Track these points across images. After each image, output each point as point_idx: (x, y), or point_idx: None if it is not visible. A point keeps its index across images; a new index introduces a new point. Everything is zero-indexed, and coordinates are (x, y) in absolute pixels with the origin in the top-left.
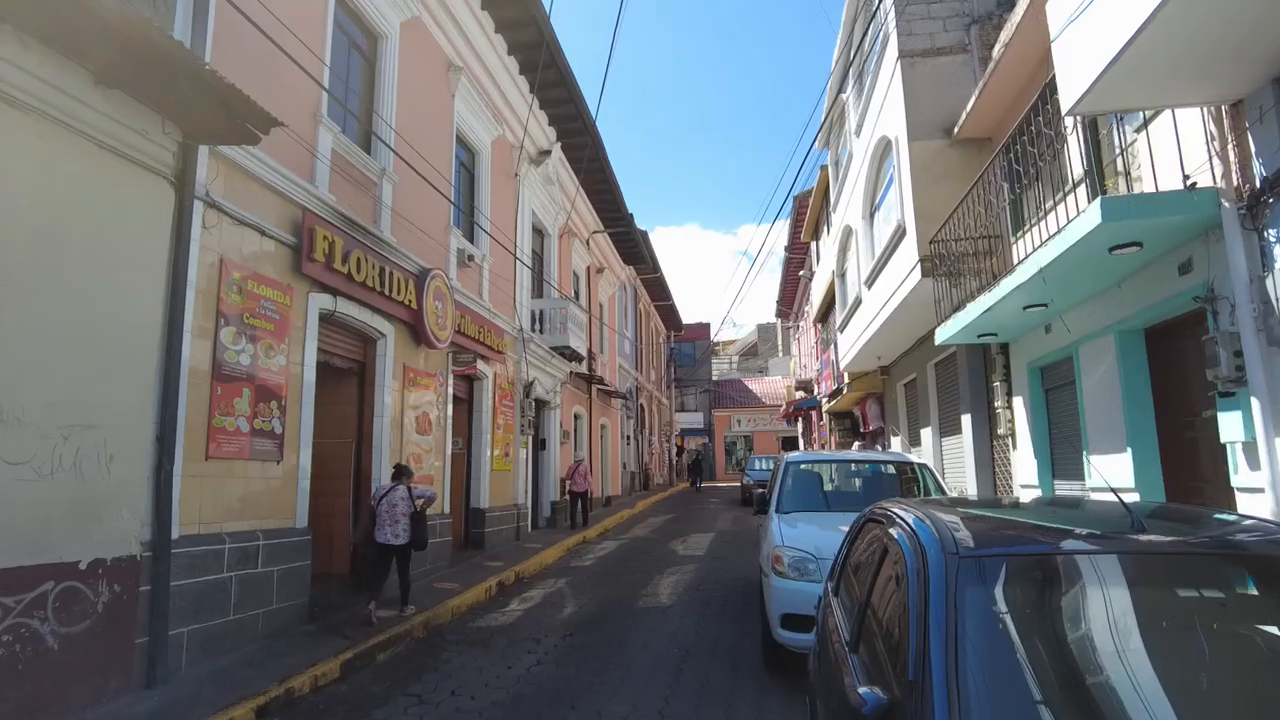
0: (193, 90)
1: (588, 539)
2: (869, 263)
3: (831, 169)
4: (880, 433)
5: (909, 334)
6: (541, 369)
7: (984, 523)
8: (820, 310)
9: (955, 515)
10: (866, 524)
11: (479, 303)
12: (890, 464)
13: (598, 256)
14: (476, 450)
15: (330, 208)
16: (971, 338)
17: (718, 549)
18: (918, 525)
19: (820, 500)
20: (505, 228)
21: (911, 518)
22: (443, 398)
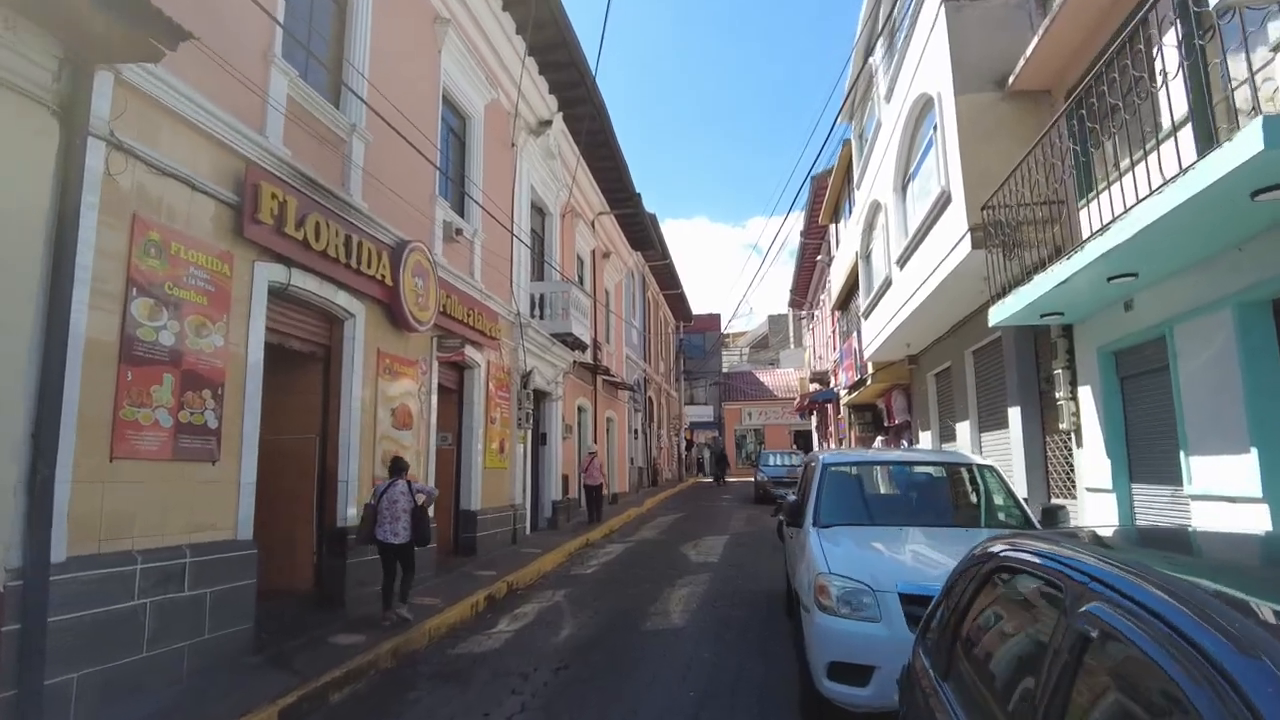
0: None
1: (591, 542)
2: (901, 240)
3: (855, 143)
4: (906, 427)
5: (946, 318)
6: (541, 357)
7: None
8: (840, 297)
9: (1201, 589)
10: (995, 573)
11: (470, 283)
12: (949, 466)
13: (603, 240)
14: (467, 446)
15: (284, 163)
16: (1033, 317)
17: (733, 554)
18: (1192, 629)
19: (866, 511)
20: (501, 202)
21: (1159, 603)
22: (426, 387)
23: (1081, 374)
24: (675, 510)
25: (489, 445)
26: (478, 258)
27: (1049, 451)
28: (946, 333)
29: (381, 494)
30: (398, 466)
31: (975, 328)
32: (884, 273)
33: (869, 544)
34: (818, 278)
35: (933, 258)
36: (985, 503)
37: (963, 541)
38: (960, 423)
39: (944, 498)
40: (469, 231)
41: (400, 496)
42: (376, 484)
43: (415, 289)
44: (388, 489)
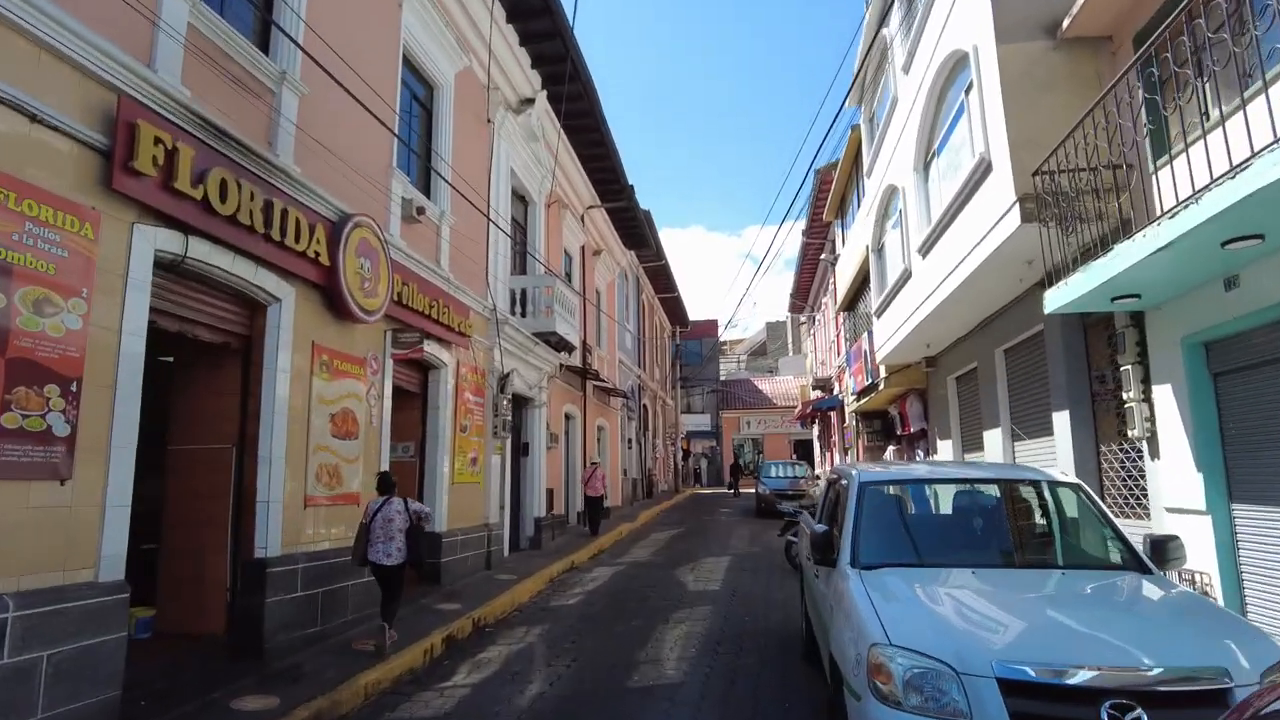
0: None
1: (577, 565)
2: (923, 227)
3: (865, 128)
4: (922, 436)
5: (975, 312)
6: (523, 359)
7: None
8: (846, 297)
9: None
10: None
11: (435, 271)
12: (1022, 485)
13: (594, 236)
14: (432, 458)
15: (180, 105)
16: (1100, 302)
17: (737, 580)
18: None
19: (922, 546)
20: (476, 184)
21: None
22: (377, 390)
23: (1158, 370)
24: (671, 526)
25: (458, 457)
26: (445, 243)
27: (1104, 463)
28: (974, 329)
29: (375, 512)
30: (386, 483)
31: (1010, 322)
32: (901, 265)
33: (938, 596)
34: (820, 279)
35: (965, 240)
36: (1075, 534)
37: (1065, 589)
38: (990, 431)
39: (1021, 527)
40: (434, 213)
41: (396, 515)
42: (369, 504)
43: (360, 272)
44: (382, 507)
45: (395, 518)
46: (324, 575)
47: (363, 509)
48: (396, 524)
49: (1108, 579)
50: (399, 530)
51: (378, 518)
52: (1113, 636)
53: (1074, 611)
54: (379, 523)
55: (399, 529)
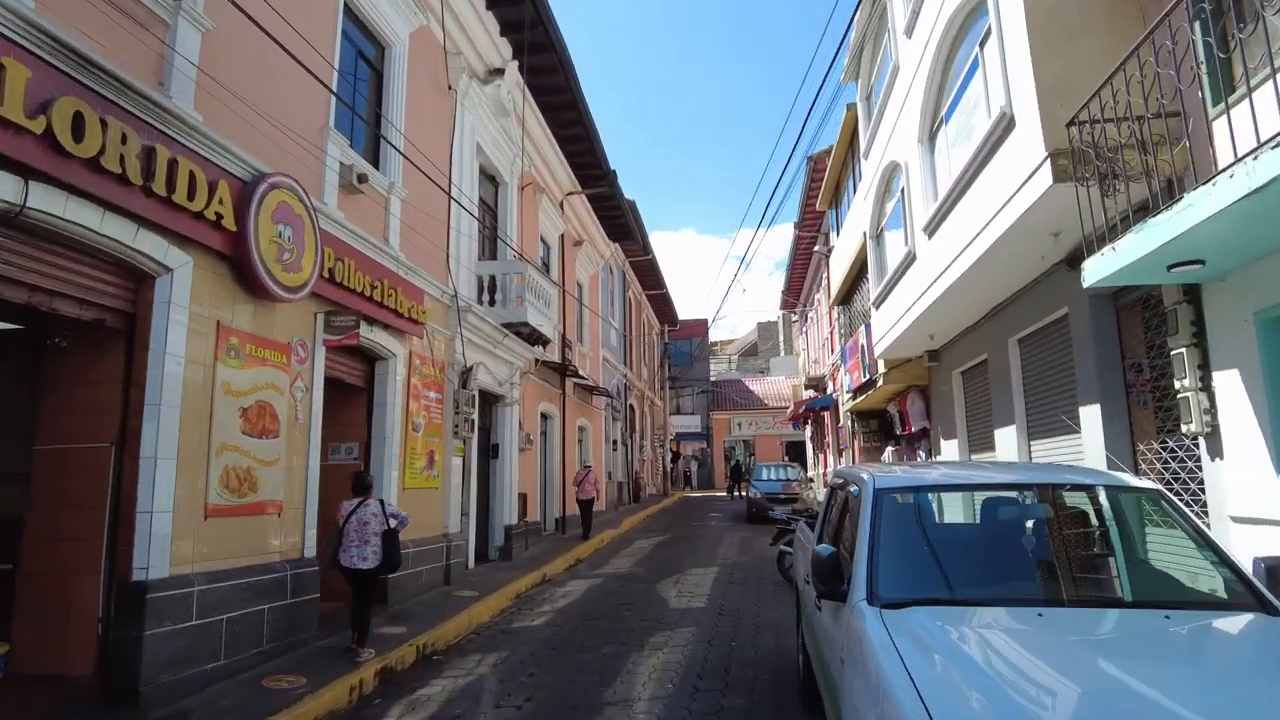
0: None
1: (550, 578)
2: (929, 204)
3: (862, 106)
4: (924, 436)
5: (988, 296)
6: (490, 352)
7: None
8: (841, 290)
9: None
10: None
11: (382, 249)
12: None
13: (575, 226)
14: (379, 460)
15: (19, 17)
16: (1155, 271)
17: (724, 595)
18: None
19: (957, 573)
20: (435, 157)
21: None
22: (305, 381)
23: (1221, 353)
24: (657, 532)
25: (411, 459)
26: (395, 219)
27: (1142, 464)
28: (984, 318)
29: (350, 514)
30: (361, 484)
31: (1027, 307)
32: (903, 249)
33: (990, 653)
34: (813, 274)
35: (979, 214)
36: (1154, 557)
37: (1160, 640)
38: (1002, 429)
39: (1081, 548)
40: (382, 184)
41: (372, 518)
42: (343, 505)
43: (278, 241)
44: (357, 509)
45: (371, 520)
46: (230, 599)
47: (281, 516)
48: (372, 527)
49: (1220, 623)
50: (374, 534)
51: (352, 520)
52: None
53: (1188, 680)
54: (353, 525)
55: (374, 532)
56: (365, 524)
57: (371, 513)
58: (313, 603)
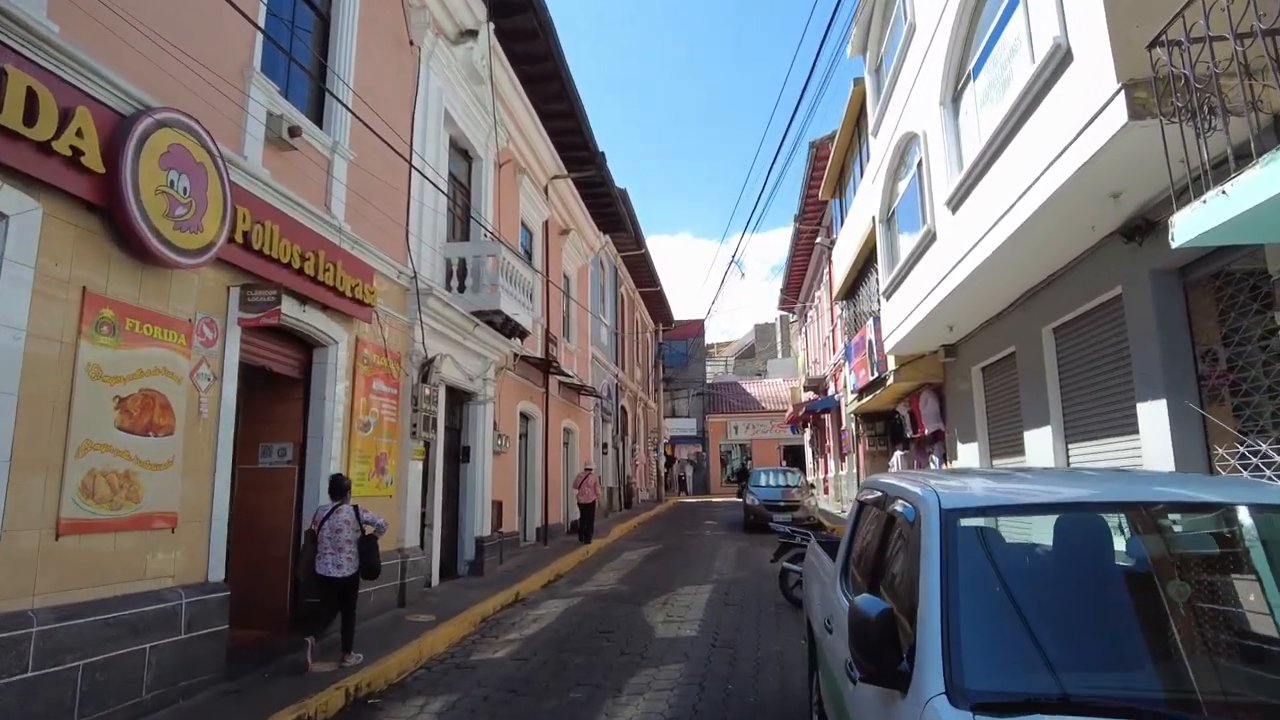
0: None
1: (523, 597)
2: (952, 175)
3: (870, 80)
4: (937, 439)
5: (1020, 278)
6: (458, 343)
7: None
8: (846, 284)
9: None
10: None
11: (320, 217)
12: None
13: (561, 213)
14: (316, 464)
15: None
16: (1271, 226)
17: (720, 620)
18: None
19: (1081, 650)
20: (394, 119)
21: None
22: (213, 367)
23: None
24: (647, 542)
25: (357, 463)
26: (339, 184)
27: (1220, 472)
28: (1012, 305)
29: (324, 520)
30: (338, 488)
31: (1067, 290)
32: (919, 230)
33: None
34: (814, 269)
35: (1018, 178)
36: None
37: None
38: (1034, 430)
39: None
40: (323, 143)
41: (344, 525)
42: (317, 510)
43: (170, 192)
44: (330, 515)
45: (344, 527)
46: (92, 640)
47: (176, 532)
48: (345, 534)
49: None
50: (348, 541)
51: (325, 526)
52: None
53: None
54: (327, 532)
55: (348, 539)
56: (338, 530)
57: (344, 519)
58: (218, 637)
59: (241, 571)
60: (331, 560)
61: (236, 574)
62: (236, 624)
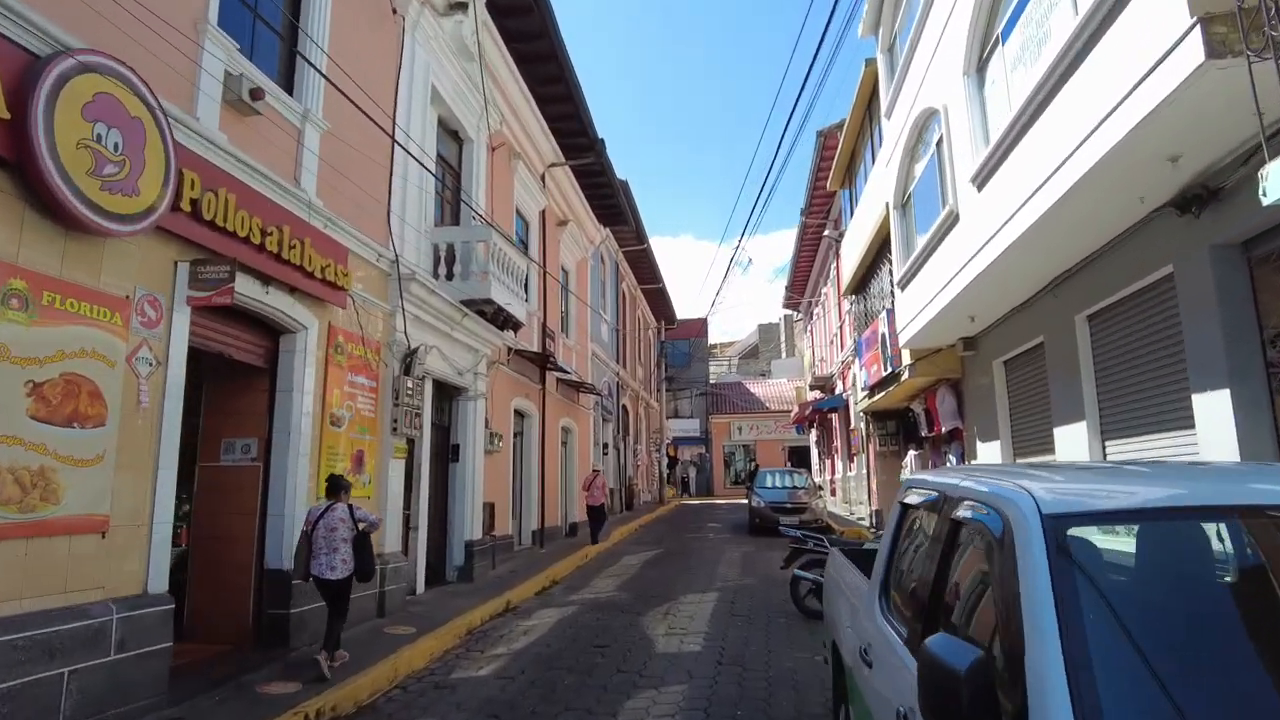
0: None
1: (514, 606)
2: (978, 149)
3: (883, 60)
4: (953, 438)
5: (1052, 261)
6: (446, 334)
7: None
8: (856, 277)
9: None
10: None
11: (286, 190)
12: None
13: (559, 203)
14: (282, 461)
15: None
16: None
17: (726, 633)
18: None
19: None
20: (376, 91)
21: None
22: (156, 351)
23: None
24: (648, 545)
25: (329, 461)
26: (311, 155)
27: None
28: (1040, 292)
29: (317, 520)
30: (335, 487)
31: (1105, 272)
32: (940, 212)
33: None
34: (820, 264)
35: (1058, 144)
36: None
37: None
38: (1065, 427)
39: None
40: (294, 111)
41: (339, 524)
42: (311, 510)
43: (96, 147)
44: (324, 514)
45: (339, 526)
46: (1, 664)
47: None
48: (340, 533)
49: None
50: (343, 540)
51: (319, 526)
52: None
53: None
54: (321, 532)
55: (342, 539)
56: (333, 530)
57: (339, 518)
58: (158, 656)
59: (200, 580)
60: (325, 561)
61: (194, 583)
62: (192, 639)
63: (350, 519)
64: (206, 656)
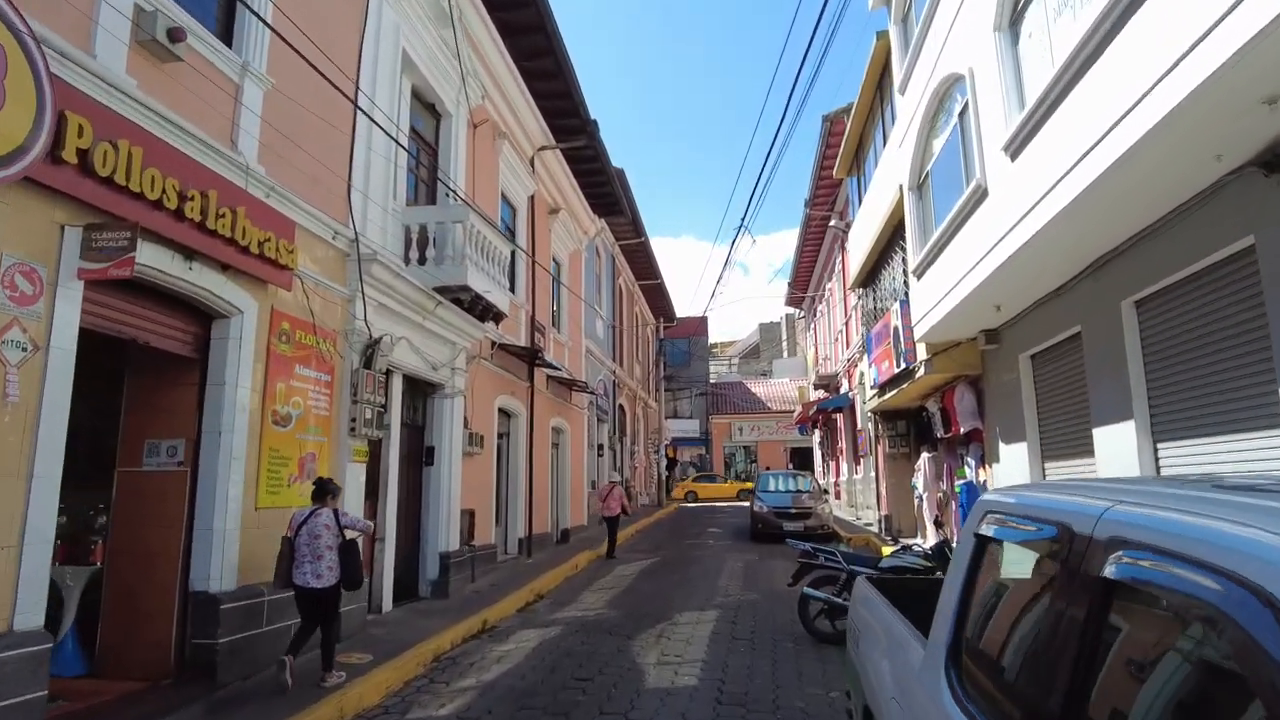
0: None
1: (490, 626)
2: (1011, 115)
3: (897, 31)
4: (971, 439)
5: (1095, 240)
6: (418, 324)
7: None
8: (865, 268)
9: None
10: None
11: (217, 151)
12: None
13: (549, 189)
14: (212, 465)
15: None
16: None
17: (727, 662)
18: None
19: None
20: (334, 51)
21: None
22: (33, 333)
23: None
24: (644, 553)
25: (271, 466)
26: (250, 114)
27: None
28: (1078, 276)
29: (300, 525)
30: (321, 491)
31: (1161, 249)
32: (964, 189)
33: None
34: (825, 258)
35: (1125, 89)
36: None
37: None
38: (1107, 427)
39: None
40: (230, 64)
41: (324, 530)
42: (294, 515)
43: None
44: (308, 519)
45: (323, 533)
46: None
47: None
48: (325, 540)
49: None
50: (328, 547)
51: (303, 532)
52: None
53: None
54: (304, 538)
55: (328, 545)
56: (316, 537)
57: (324, 524)
58: (27, 710)
59: (114, 605)
60: (310, 569)
61: (108, 608)
62: (102, 674)
63: (336, 525)
64: (113, 697)
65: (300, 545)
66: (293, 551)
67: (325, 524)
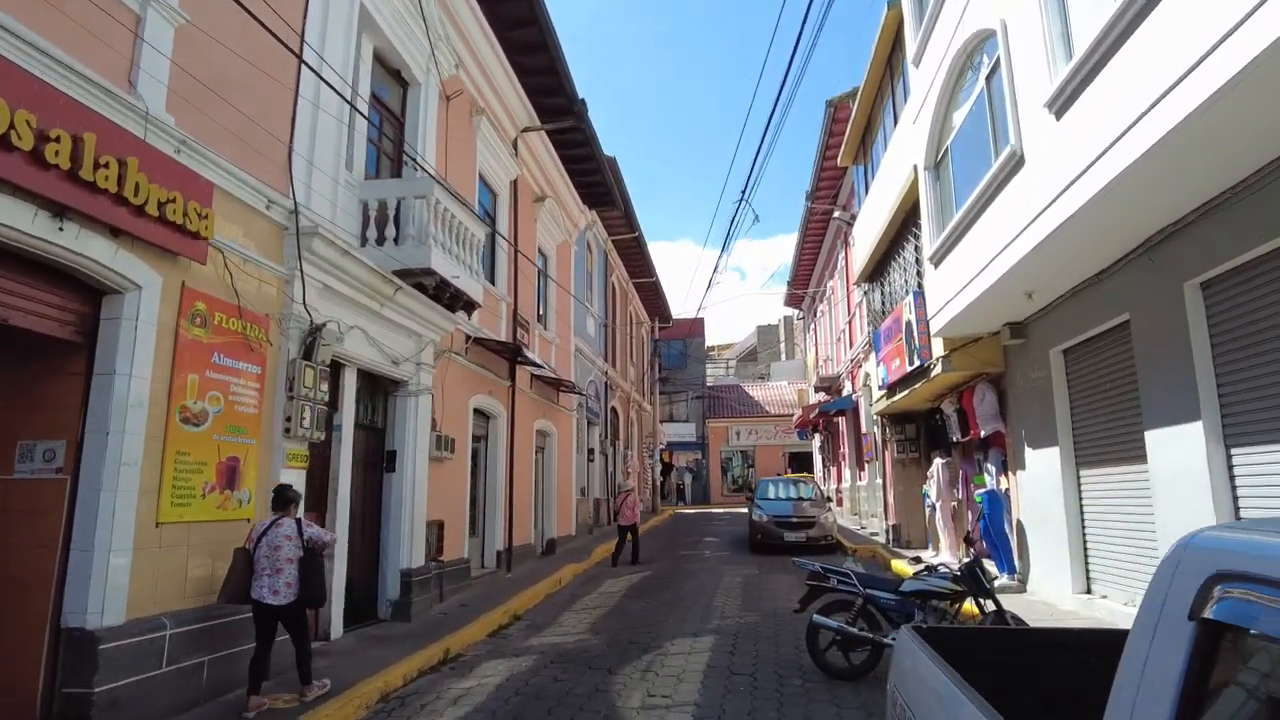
0: None
1: (454, 655)
2: (1055, 68)
3: None
4: (991, 443)
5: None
6: (374, 312)
7: None
8: (872, 260)
9: None
10: None
11: (104, 90)
12: None
13: (534, 175)
14: (97, 471)
15: None
16: None
17: (723, 703)
18: None
19: None
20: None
21: None
22: None
23: None
24: (635, 566)
25: (179, 473)
26: (157, 55)
27: None
28: (1125, 257)
29: (260, 537)
30: (282, 499)
31: (1232, 221)
32: (995, 159)
33: None
34: (827, 253)
35: (1222, 12)
36: None
37: None
38: (1164, 429)
39: None
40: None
41: (284, 541)
42: (254, 526)
43: None
44: (269, 530)
45: (284, 544)
46: None
47: None
48: (285, 552)
49: None
50: (288, 560)
51: (262, 544)
52: None
53: None
54: (263, 550)
55: (287, 559)
56: (277, 548)
57: (284, 534)
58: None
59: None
60: (268, 583)
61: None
62: None
63: (298, 535)
64: None
65: (259, 558)
66: (249, 565)
67: (286, 534)
